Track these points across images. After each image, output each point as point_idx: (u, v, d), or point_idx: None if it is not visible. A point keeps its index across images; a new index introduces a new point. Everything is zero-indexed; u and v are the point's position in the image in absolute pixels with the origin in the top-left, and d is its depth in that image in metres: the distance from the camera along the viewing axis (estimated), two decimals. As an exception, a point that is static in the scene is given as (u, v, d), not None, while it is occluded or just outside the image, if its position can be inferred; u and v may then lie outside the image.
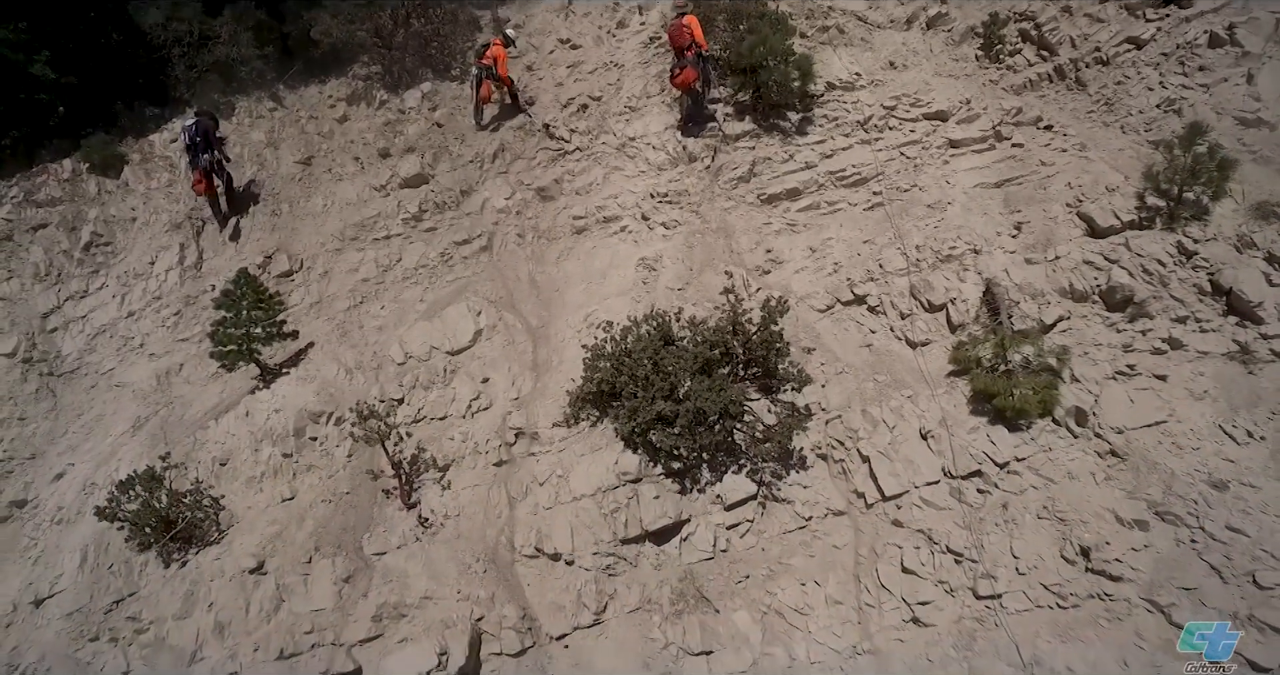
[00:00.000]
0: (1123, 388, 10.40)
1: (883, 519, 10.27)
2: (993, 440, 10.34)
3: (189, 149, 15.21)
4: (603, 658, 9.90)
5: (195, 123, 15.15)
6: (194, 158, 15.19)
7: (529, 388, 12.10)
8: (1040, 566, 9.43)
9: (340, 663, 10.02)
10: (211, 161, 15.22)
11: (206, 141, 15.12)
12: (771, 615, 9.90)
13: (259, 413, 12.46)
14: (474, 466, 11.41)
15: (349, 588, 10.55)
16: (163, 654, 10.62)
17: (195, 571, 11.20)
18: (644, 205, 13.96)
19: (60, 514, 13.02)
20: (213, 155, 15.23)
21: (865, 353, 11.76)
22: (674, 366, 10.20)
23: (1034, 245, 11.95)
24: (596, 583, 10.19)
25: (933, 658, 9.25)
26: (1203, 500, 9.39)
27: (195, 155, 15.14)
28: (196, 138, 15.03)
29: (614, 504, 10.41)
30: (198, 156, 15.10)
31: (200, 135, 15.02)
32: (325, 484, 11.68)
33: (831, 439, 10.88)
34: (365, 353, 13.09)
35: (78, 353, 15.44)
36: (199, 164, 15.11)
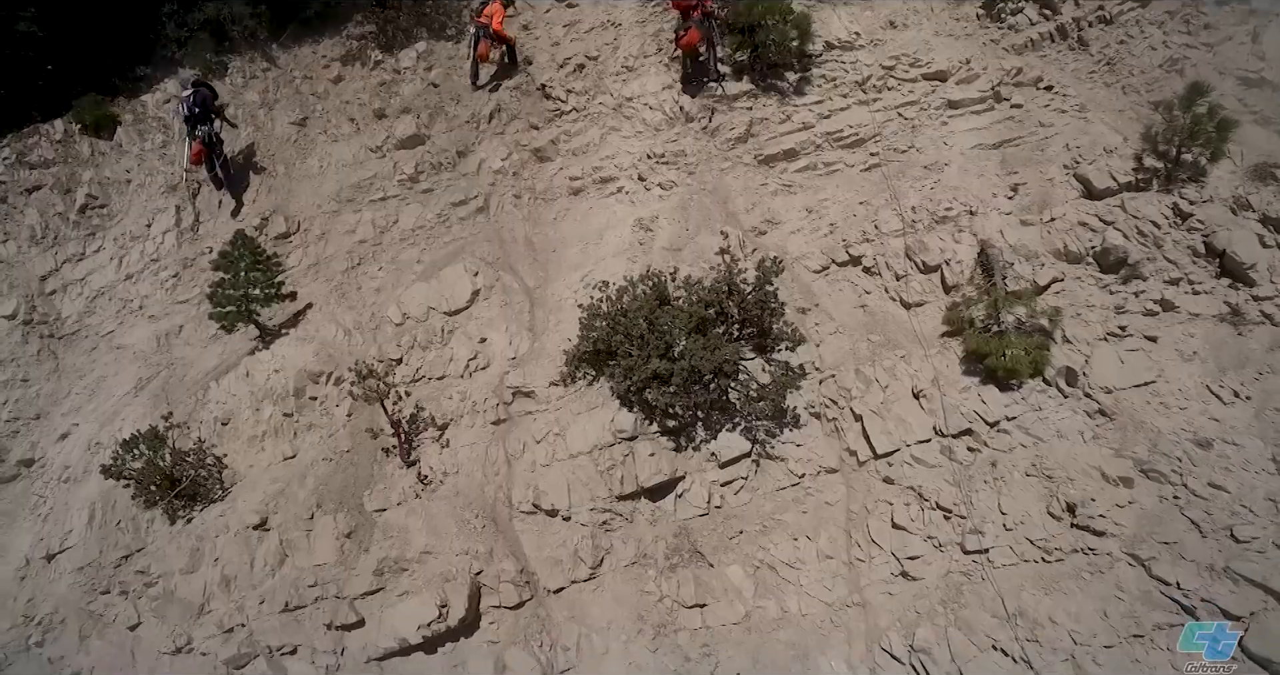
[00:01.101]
0: (1113, 348, 10.51)
1: (874, 476, 10.47)
2: (984, 400, 10.48)
3: (187, 120, 14.84)
4: (599, 610, 10.18)
5: (194, 93, 14.79)
6: (192, 128, 14.86)
7: (526, 347, 12.21)
8: (1027, 522, 9.65)
9: (343, 615, 10.31)
10: (210, 133, 14.91)
11: (205, 112, 14.81)
12: (764, 569, 10.16)
13: (259, 373, 12.59)
14: (472, 425, 11.59)
15: (350, 543, 10.80)
16: (172, 606, 10.92)
17: (200, 528, 11.45)
18: (641, 166, 13.91)
19: (67, 472, 13.26)
20: (211, 127, 14.93)
21: (860, 313, 11.84)
22: (669, 326, 10.29)
23: (1030, 207, 11.93)
24: (593, 538, 10.44)
25: (920, 610, 9.54)
26: (1187, 458, 9.57)
27: (193, 126, 14.82)
28: (195, 108, 14.69)
29: (610, 461, 10.61)
30: (195, 127, 14.80)
31: (199, 105, 14.69)
32: (326, 442, 11.86)
33: (825, 398, 11.03)
34: (363, 314, 13.17)
35: (77, 315, 15.53)
36: (197, 135, 14.80)
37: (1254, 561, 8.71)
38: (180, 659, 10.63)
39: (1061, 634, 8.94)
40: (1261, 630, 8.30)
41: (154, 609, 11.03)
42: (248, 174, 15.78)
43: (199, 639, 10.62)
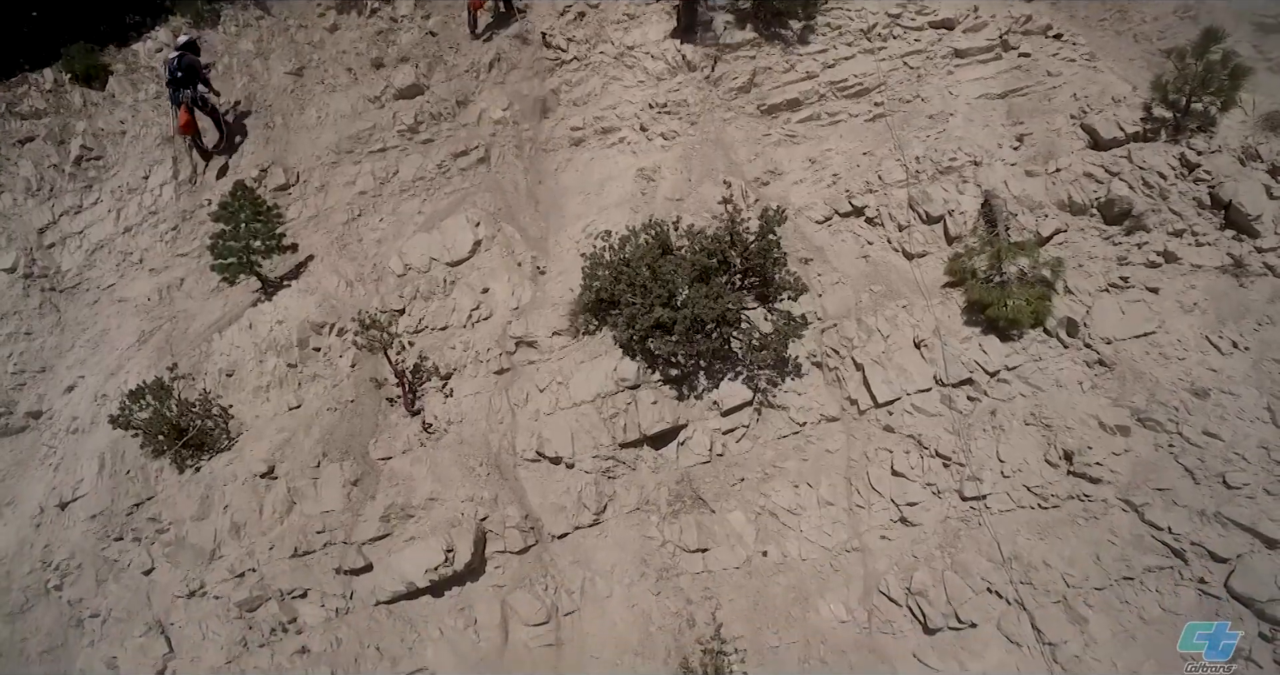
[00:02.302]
0: (1115, 299, 10.53)
1: (874, 425, 10.59)
2: (984, 349, 10.53)
3: (170, 84, 14.45)
4: (602, 555, 10.41)
5: (178, 56, 14.34)
6: (175, 93, 14.47)
7: (528, 297, 12.22)
8: (1024, 469, 9.80)
9: (351, 560, 10.54)
10: (193, 97, 14.51)
11: (190, 76, 14.39)
12: (765, 516, 10.36)
13: (262, 325, 12.62)
14: (475, 374, 11.67)
15: (357, 491, 10.98)
16: (184, 552, 11.14)
17: (209, 476, 11.61)
18: (642, 116, 13.73)
19: (75, 423, 13.40)
20: (194, 91, 14.52)
21: (862, 264, 11.82)
22: (672, 275, 10.29)
23: (1035, 157, 11.81)
24: (596, 485, 10.61)
25: (918, 554, 9.76)
26: (1183, 407, 9.67)
27: (176, 90, 14.43)
28: (178, 72, 14.26)
29: (613, 409, 10.71)
30: (179, 92, 14.41)
31: (183, 69, 14.26)
32: (330, 393, 11.96)
33: (827, 347, 11.09)
34: (365, 265, 13.15)
35: (77, 268, 15.50)
36: (180, 99, 14.41)
37: (1244, 506, 8.87)
38: (194, 602, 10.91)
39: (1055, 577, 9.17)
40: (1246, 571, 8.52)
41: (166, 555, 11.26)
42: (244, 124, 15.56)
43: (211, 583, 10.88)
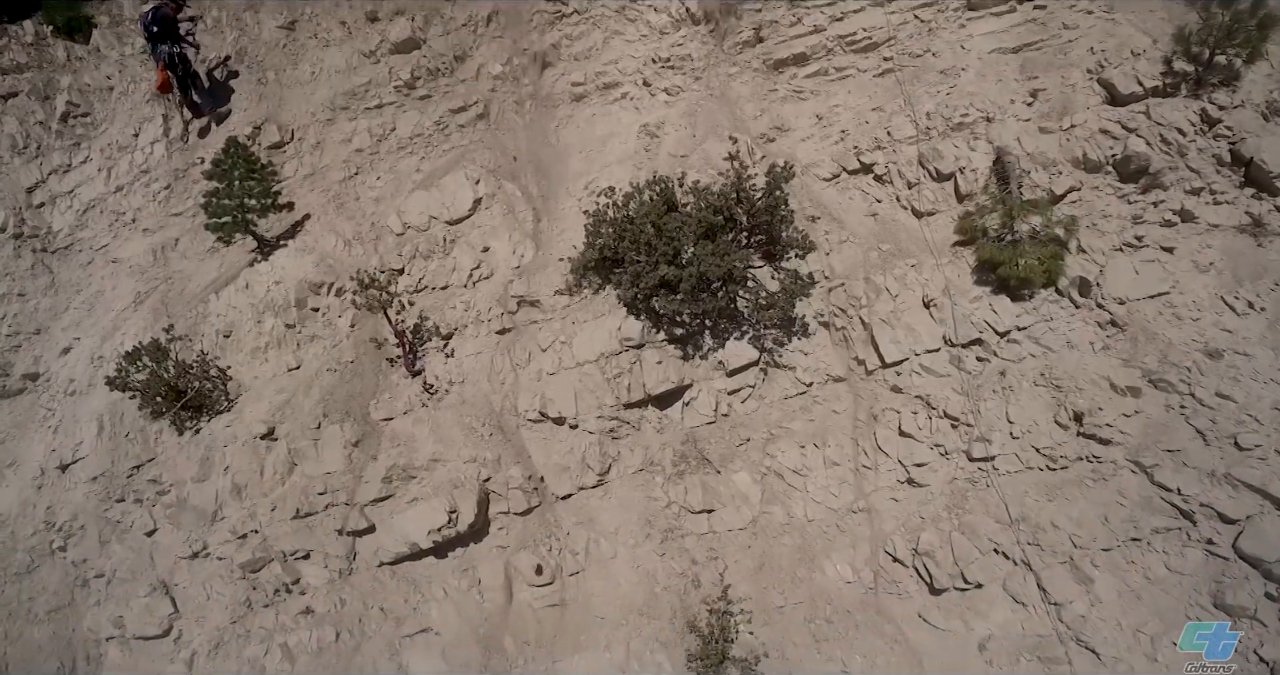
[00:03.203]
0: (1128, 259, 10.31)
1: (882, 385, 10.45)
2: (995, 309, 10.35)
3: (148, 40, 13.94)
4: (607, 516, 10.36)
5: (152, 9, 13.77)
6: (154, 49, 13.95)
7: (530, 256, 12.00)
8: (1033, 431, 9.70)
9: (354, 521, 10.50)
10: (170, 54, 13.97)
11: (165, 30, 13.81)
12: (771, 476, 10.29)
13: (259, 285, 12.41)
14: (477, 334, 11.50)
15: (358, 451, 10.89)
16: (186, 513, 11.10)
17: (209, 438, 11.52)
18: (645, 71, 13.31)
19: (72, 386, 13.28)
20: (171, 47, 13.97)
21: (870, 222, 11.57)
22: (677, 232, 10.05)
23: (1049, 113, 11.47)
24: (600, 445, 10.52)
25: (925, 515, 9.70)
26: (1196, 368, 9.52)
27: (154, 47, 13.91)
28: (153, 27, 13.71)
29: (617, 369, 10.57)
30: (157, 48, 13.90)
31: (157, 23, 13.70)
32: (330, 353, 11.80)
33: (834, 306, 10.90)
34: (363, 224, 12.89)
35: (69, 229, 15.21)
36: (159, 56, 13.91)
37: (1255, 468, 8.78)
38: (198, 563, 10.91)
39: (1062, 538, 9.14)
40: (1256, 532, 8.47)
41: (168, 516, 11.23)
42: (235, 80, 15.11)
43: (214, 544, 10.87)
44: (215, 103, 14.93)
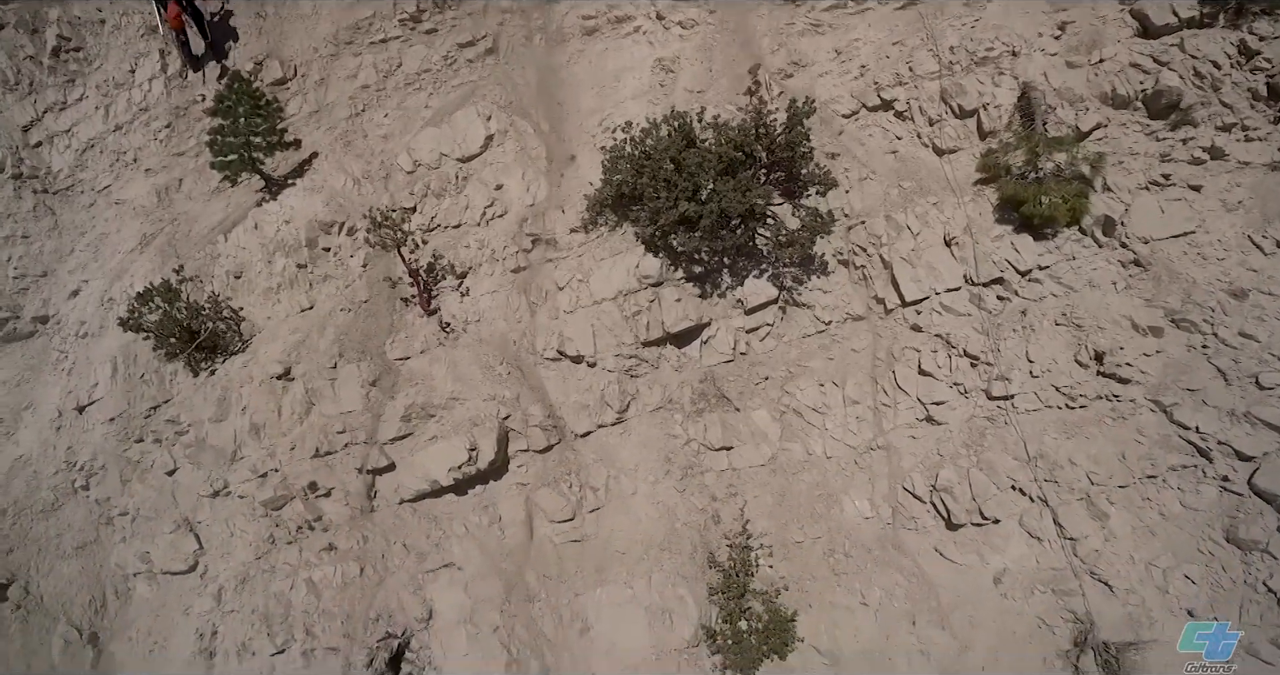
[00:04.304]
0: (1154, 197, 10.10)
1: (902, 324, 10.39)
2: (1017, 248, 10.20)
3: None
4: (626, 453, 10.43)
5: None
6: None
7: (544, 194, 11.79)
8: (1053, 369, 9.67)
9: (374, 459, 10.57)
10: None
11: None
12: (790, 414, 10.31)
13: (268, 225, 12.22)
14: (492, 273, 11.39)
15: (376, 391, 10.89)
16: (205, 453, 11.17)
17: (224, 379, 11.51)
18: (659, 3, 12.83)
19: (83, 328, 13.22)
20: None
21: (891, 159, 11.31)
22: (697, 168, 9.82)
23: (1078, 47, 11.09)
24: (619, 383, 10.52)
25: (943, 453, 9.76)
26: (1220, 308, 9.43)
27: None
28: None
29: (635, 307, 10.49)
30: None
31: None
32: (343, 293, 11.70)
33: (854, 245, 10.75)
34: (372, 162, 12.62)
35: (69, 169, 14.91)
36: None
37: (1275, 406, 8.76)
38: (219, 501, 11.03)
39: (1079, 475, 9.20)
40: (1273, 469, 8.52)
41: (188, 456, 11.30)
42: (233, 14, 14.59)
43: (235, 483, 10.96)
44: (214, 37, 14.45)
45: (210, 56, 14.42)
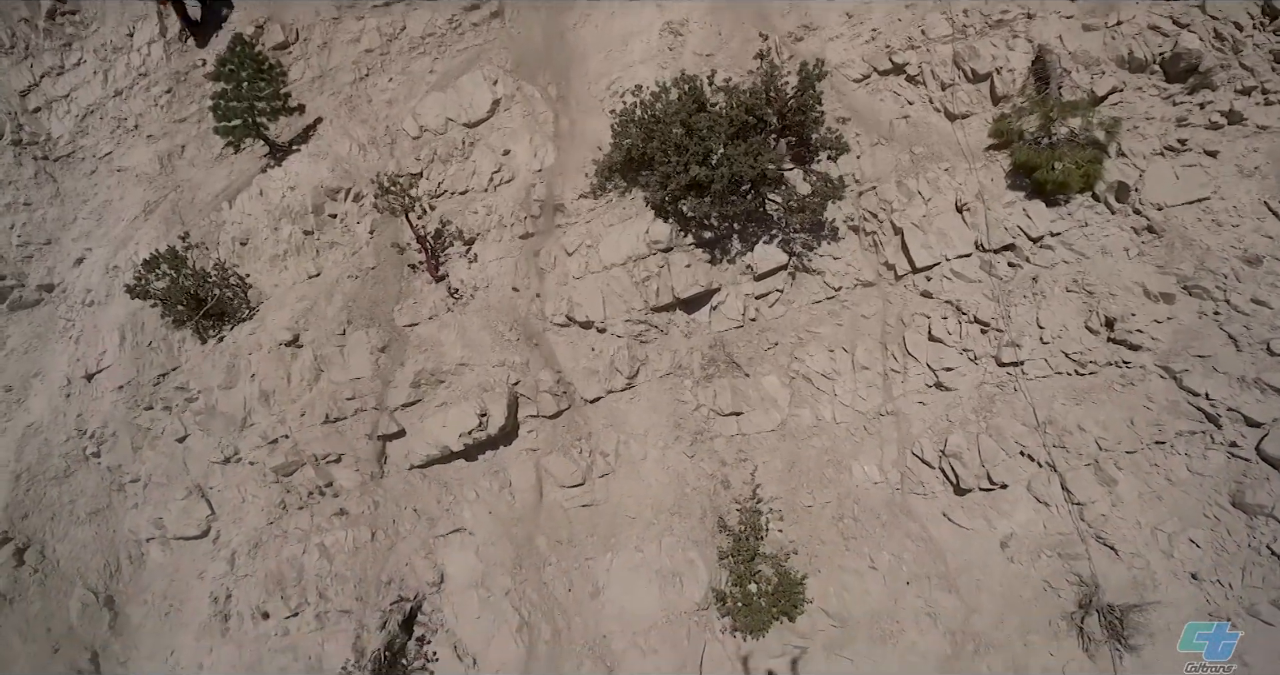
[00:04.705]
0: (1169, 163, 9.97)
1: (912, 290, 10.34)
2: (1029, 214, 10.11)
3: None
4: (636, 418, 10.46)
5: None
6: None
7: (552, 159, 11.65)
8: (1064, 336, 9.64)
9: (384, 425, 10.60)
10: None
11: None
12: (799, 380, 10.31)
13: (273, 192, 12.12)
14: (500, 239, 11.31)
15: (385, 357, 10.89)
16: (215, 420, 11.20)
17: (233, 346, 11.50)
18: (667, -35, 12.57)
19: (90, 296, 13.17)
20: None
21: (902, 124, 11.16)
22: (707, 132, 9.66)
23: (1094, 9, 10.87)
24: (628, 349, 10.51)
25: (952, 418, 9.77)
26: (1233, 274, 9.36)
27: None
28: None
29: (644, 273, 10.44)
30: None
31: None
32: (350, 260, 11.65)
33: (864, 211, 10.65)
34: (378, 127, 12.47)
35: (69, 135, 14.76)
36: None
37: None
38: (231, 468, 11.09)
39: (1088, 441, 9.22)
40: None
41: (198, 423, 11.34)
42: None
43: (246, 449, 11.02)
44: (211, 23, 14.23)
45: (209, 20, 14.19)
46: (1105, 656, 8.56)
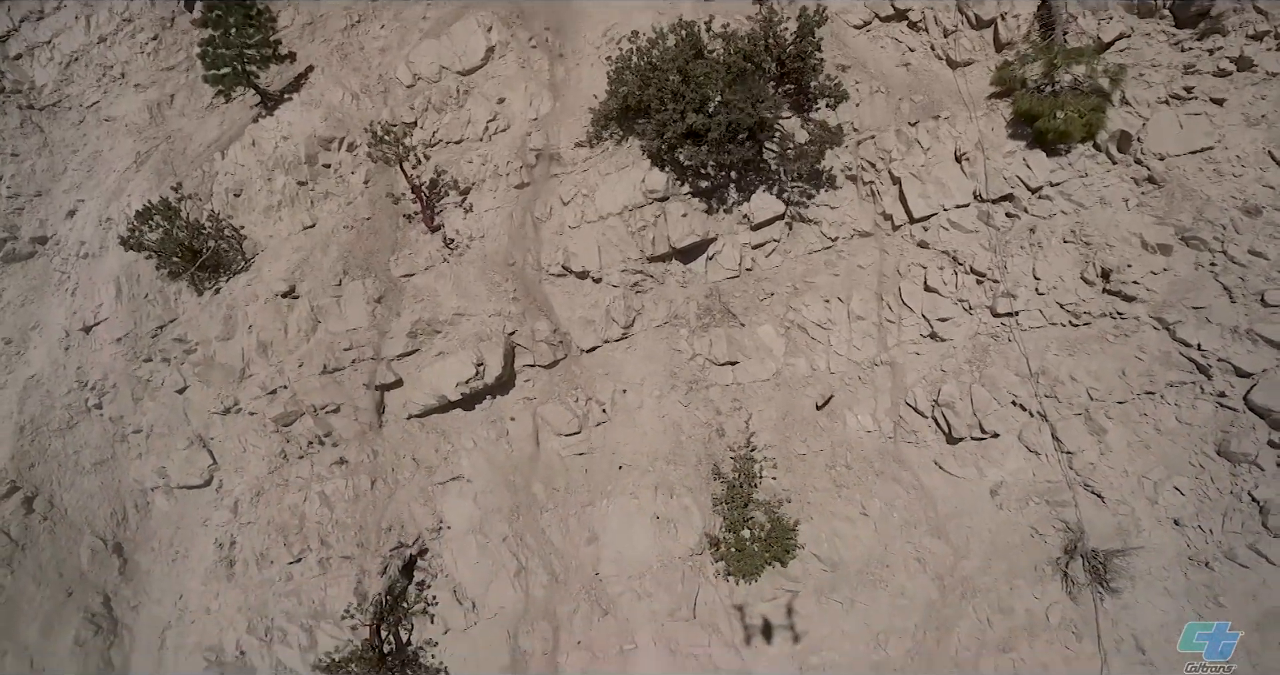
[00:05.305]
0: (1174, 112, 9.84)
1: (908, 240, 10.31)
2: (1029, 164, 10.01)
3: None
4: (632, 368, 10.52)
5: None
6: None
7: (548, 108, 11.46)
8: (1059, 287, 9.64)
9: (382, 375, 10.66)
10: None
11: None
12: (794, 330, 10.35)
13: (266, 142, 11.94)
14: (495, 189, 11.21)
15: (381, 308, 10.89)
16: (214, 371, 11.25)
17: (229, 297, 11.48)
18: (665, -95, 12.17)
19: (84, 248, 13.08)
20: None
21: (903, 72, 10.97)
22: (705, 79, 9.49)
23: (1105, -49, 10.61)
24: (624, 299, 10.51)
25: (946, 368, 9.84)
26: (1232, 225, 9.32)
27: None
28: None
29: (641, 222, 10.38)
30: None
31: None
32: (345, 210, 11.55)
33: (863, 160, 10.54)
34: (370, 76, 12.23)
35: (54, 84, 14.46)
36: None
37: (1278, 323, 8.78)
38: (231, 418, 11.18)
39: (1079, 391, 9.31)
40: (1270, 385, 8.61)
41: (197, 374, 11.39)
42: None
43: (245, 400, 11.09)
44: None
45: None
46: (1087, 599, 8.80)
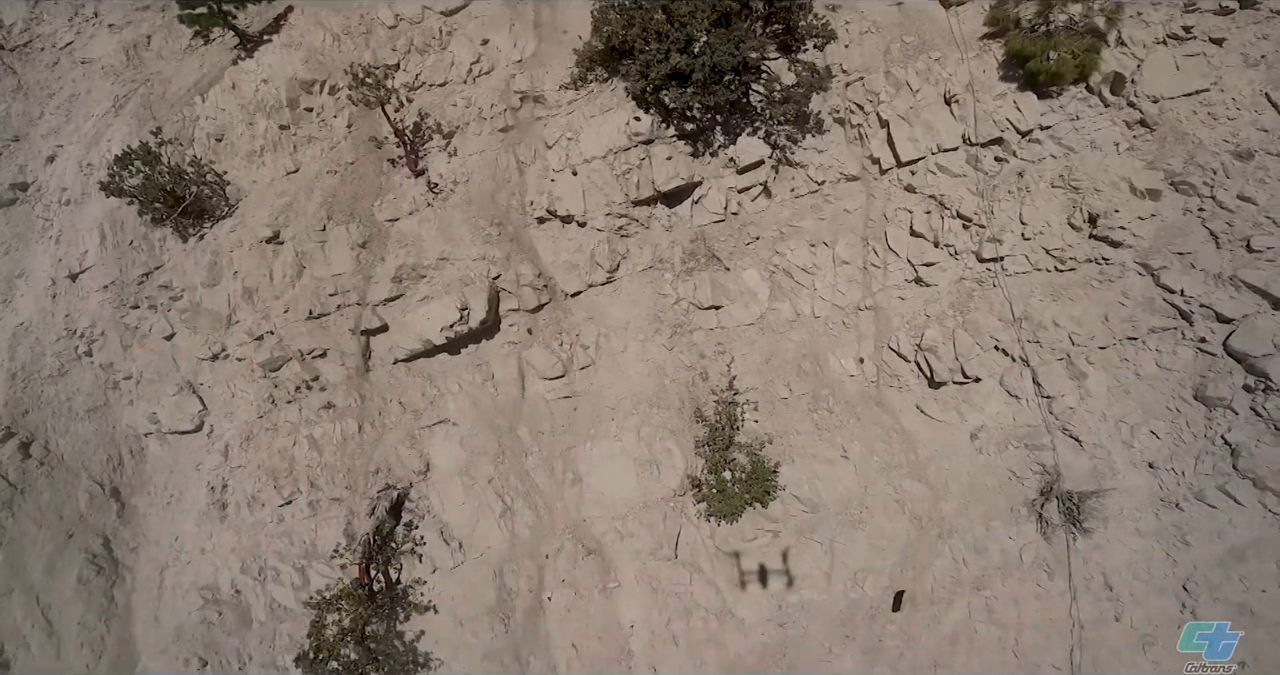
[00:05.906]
0: (1171, 52, 9.65)
1: (895, 184, 10.22)
2: (1019, 107, 9.86)
3: None
4: (616, 312, 10.53)
5: None
6: None
7: (532, 49, 11.23)
8: (1046, 232, 9.60)
9: (367, 320, 10.67)
10: None
11: None
12: (779, 274, 10.34)
13: (246, 85, 11.72)
14: (479, 132, 11.05)
15: (366, 252, 10.85)
16: (201, 318, 11.26)
17: (214, 243, 11.41)
18: None
19: (65, 195, 12.94)
20: None
21: (893, 12, 10.70)
22: (689, 18, 9.28)
23: (1108, -117, 10.25)
24: (609, 243, 10.47)
25: (930, 313, 9.86)
26: (1222, 170, 9.22)
27: None
28: None
29: (625, 165, 10.28)
30: None
31: None
32: (328, 155, 11.40)
33: (851, 102, 10.38)
34: (351, 17, 11.91)
35: (23, 23, 14.10)
36: None
37: (1262, 269, 8.77)
38: (219, 364, 11.23)
39: (1061, 336, 9.34)
40: (1249, 330, 8.65)
41: (184, 320, 11.40)
42: None
43: (232, 346, 11.12)
44: None
45: None
46: (1060, 539, 8.98)
